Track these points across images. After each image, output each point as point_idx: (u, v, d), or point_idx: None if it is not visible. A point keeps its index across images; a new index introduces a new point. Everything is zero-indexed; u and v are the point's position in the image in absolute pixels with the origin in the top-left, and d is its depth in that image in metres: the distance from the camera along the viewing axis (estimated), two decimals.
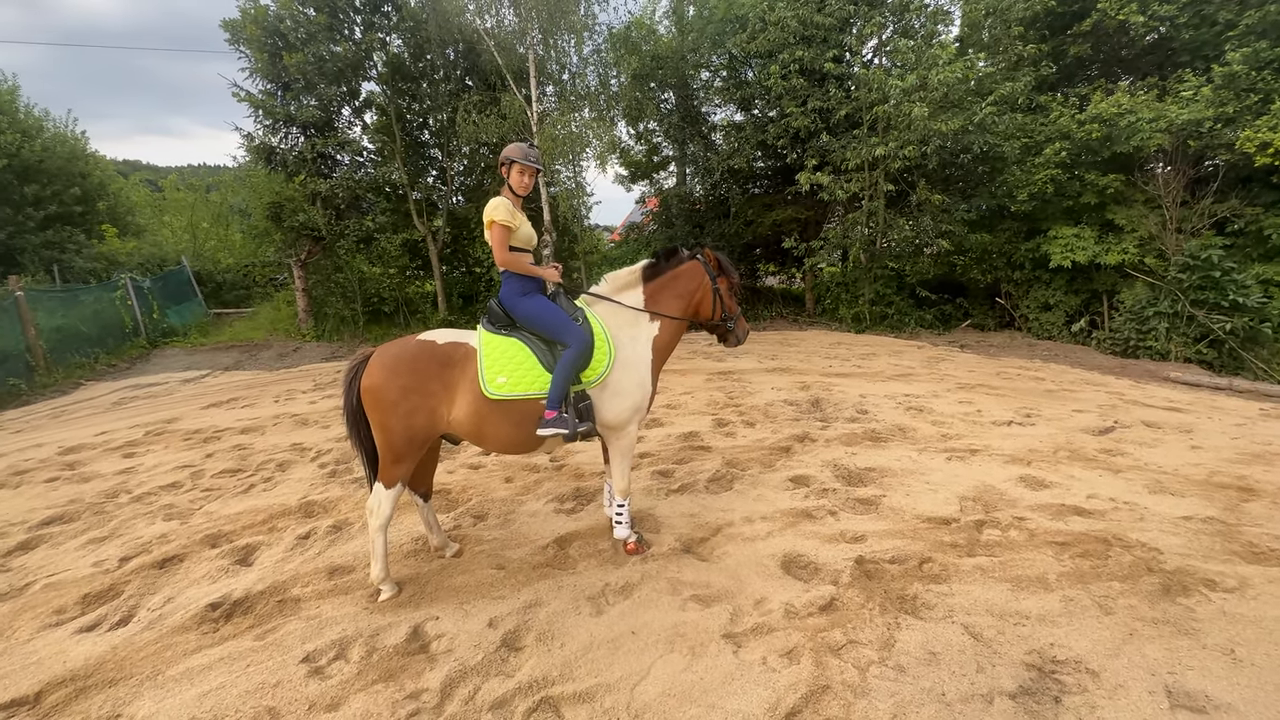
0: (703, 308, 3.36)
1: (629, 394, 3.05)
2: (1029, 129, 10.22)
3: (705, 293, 3.34)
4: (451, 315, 14.20)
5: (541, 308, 2.97)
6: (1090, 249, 10.03)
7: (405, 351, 2.83)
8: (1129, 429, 5.16)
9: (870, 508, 3.66)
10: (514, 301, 3.00)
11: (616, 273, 3.27)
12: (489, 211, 2.91)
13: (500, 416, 2.82)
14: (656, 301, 3.24)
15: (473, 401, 2.79)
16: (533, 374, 2.86)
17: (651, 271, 3.26)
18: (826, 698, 2.12)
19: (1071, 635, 2.41)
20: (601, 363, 2.98)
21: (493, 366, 2.83)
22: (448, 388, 2.81)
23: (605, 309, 3.18)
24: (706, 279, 3.34)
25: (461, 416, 2.80)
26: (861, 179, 10.34)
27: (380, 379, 2.76)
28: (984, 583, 2.81)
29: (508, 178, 3.04)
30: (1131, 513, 3.50)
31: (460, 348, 2.89)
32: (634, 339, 3.15)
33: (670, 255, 3.33)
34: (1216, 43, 9.56)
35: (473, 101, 12.44)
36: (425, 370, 2.79)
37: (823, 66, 10.16)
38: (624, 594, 2.81)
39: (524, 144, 3.05)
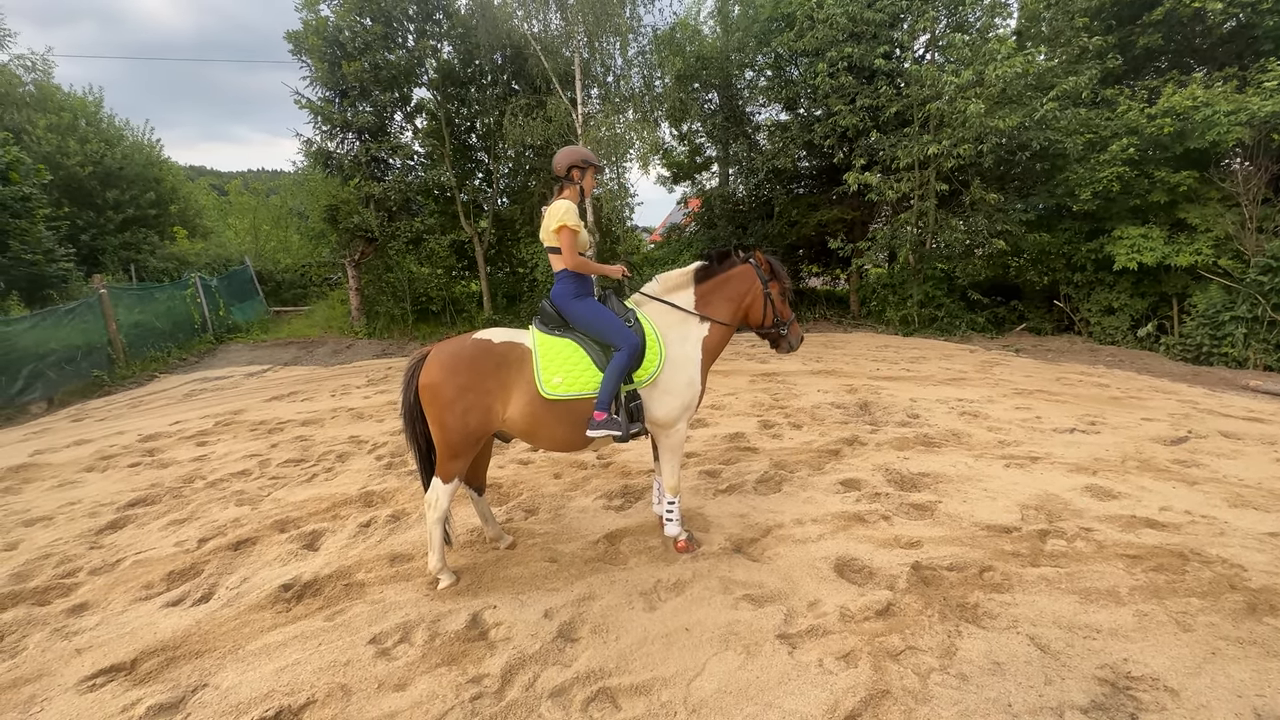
0: (753, 312, 3.38)
1: (679, 392, 3.09)
2: (1093, 124, 9.75)
3: (756, 296, 3.36)
4: (496, 314, 14.50)
5: (594, 311, 3.03)
6: (1159, 250, 9.50)
7: (463, 351, 2.90)
8: (1204, 439, 4.88)
9: (925, 513, 3.58)
10: (566, 303, 3.07)
11: (669, 273, 3.32)
12: (560, 216, 2.97)
13: (554, 416, 2.89)
14: (707, 303, 3.28)
15: (528, 401, 2.86)
16: (587, 374, 2.92)
17: (703, 273, 3.31)
18: (887, 702, 2.09)
19: (1147, 651, 2.31)
20: (653, 362, 3.03)
21: (548, 367, 2.89)
22: (504, 386, 2.87)
23: (655, 308, 3.23)
24: (758, 283, 3.35)
25: (516, 415, 2.88)
26: (912, 178, 10.07)
27: (438, 377, 2.83)
28: (1050, 594, 2.71)
29: (580, 181, 3.13)
30: (1210, 527, 3.32)
31: (516, 348, 2.96)
32: (684, 338, 3.19)
33: (723, 258, 3.36)
34: None
35: (519, 105, 12.68)
36: (482, 369, 2.86)
37: (872, 63, 9.94)
38: (676, 591, 2.83)
39: (579, 147, 3.15)
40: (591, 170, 3.13)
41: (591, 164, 3.11)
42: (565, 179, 3.14)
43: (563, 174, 3.13)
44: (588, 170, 3.12)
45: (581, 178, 3.12)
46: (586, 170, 3.11)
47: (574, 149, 3.11)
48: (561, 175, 3.14)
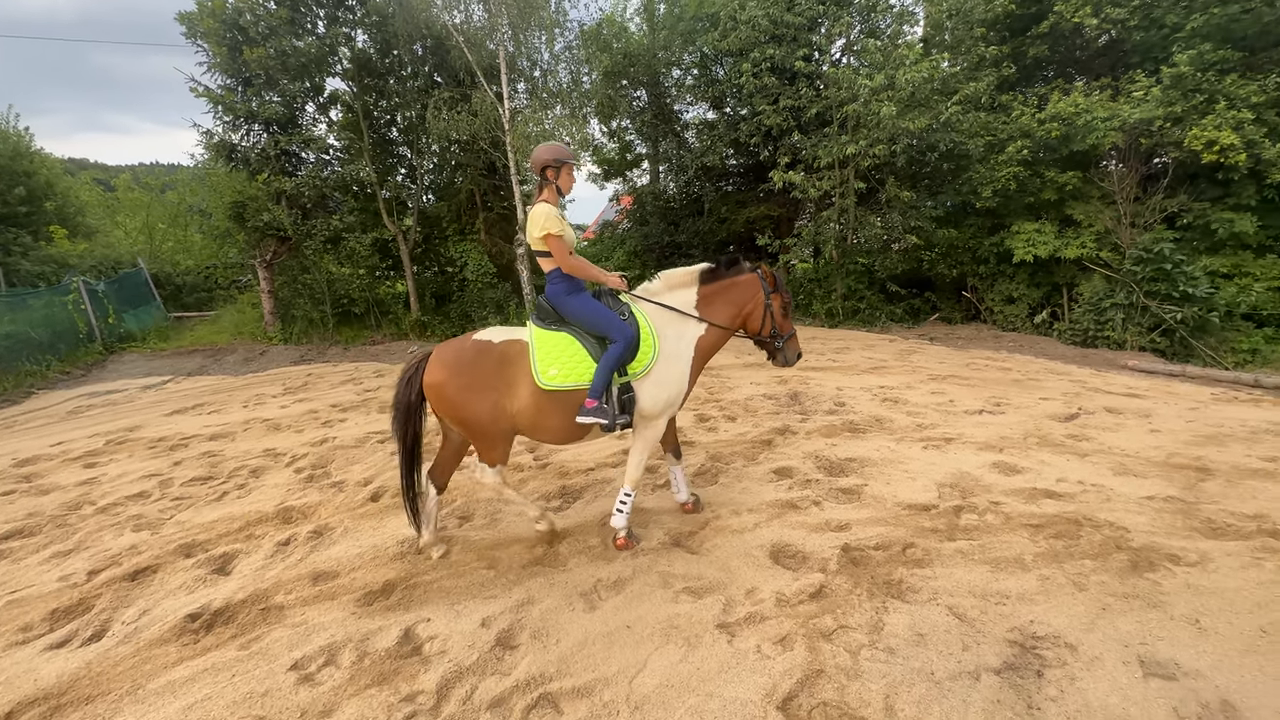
0: (751, 320, 3.47)
1: (668, 386, 3.17)
2: (992, 127, 10.54)
3: (757, 306, 3.43)
4: (425, 316, 13.97)
5: (588, 305, 3.09)
6: (1050, 243, 10.40)
7: (464, 352, 2.99)
8: (1092, 415, 5.38)
9: (853, 497, 3.74)
10: (561, 300, 3.11)
11: (673, 271, 3.38)
12: (543, 224, 2.98)
13: (553, 407, 2.98)
14: (708, 304, 3.36)
15: (531, 393, 2.95)
16: (583, 366, 3.00)
17: (709, 275, 3.38)
18: (821, 681, 2.16)
19: (1049, 612, 2.51)
20: (647, 355, 3.11)
21: (544, 359, 2.98)
22: (509, 383, 2.97)
23: (652, 306, 3.28)
24: (760, 294, 3.43)
25: (521, 408, 2.96)
26: (833, 177, 10.52)
27: (442, 377, 2.91)
28: (965, 565, 2.90)
29: (555, 180, 3.11)
30: (1099, 494, 3.65)
31: (515, 344, 3.05)
32: (679, 335, 3.27)
33: (731, 264, 3.44)
34: (1165, 45, 10.00)
35: (443, 98, 12.25)
36: (484, 368, 2.95)
37: (793, 65, 10.30)
38: (616, 589, 2.82)
39: (557, 144, 3.13)
40: (567, 168, 3.13)
41: (566, 161, 3.11)
42: (541, 178, 3.14)
43: (539, 173, 3.13)
44: (563, 168, 3.11)
45: (557, 176, 3.12)
46: (562, 168, 3.11)
47: (549, 146, 3.09)
48: (537, 175, 3.13)
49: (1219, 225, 9.55)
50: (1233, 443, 4.51)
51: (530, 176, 13.54)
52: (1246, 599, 2.55)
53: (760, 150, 11.87)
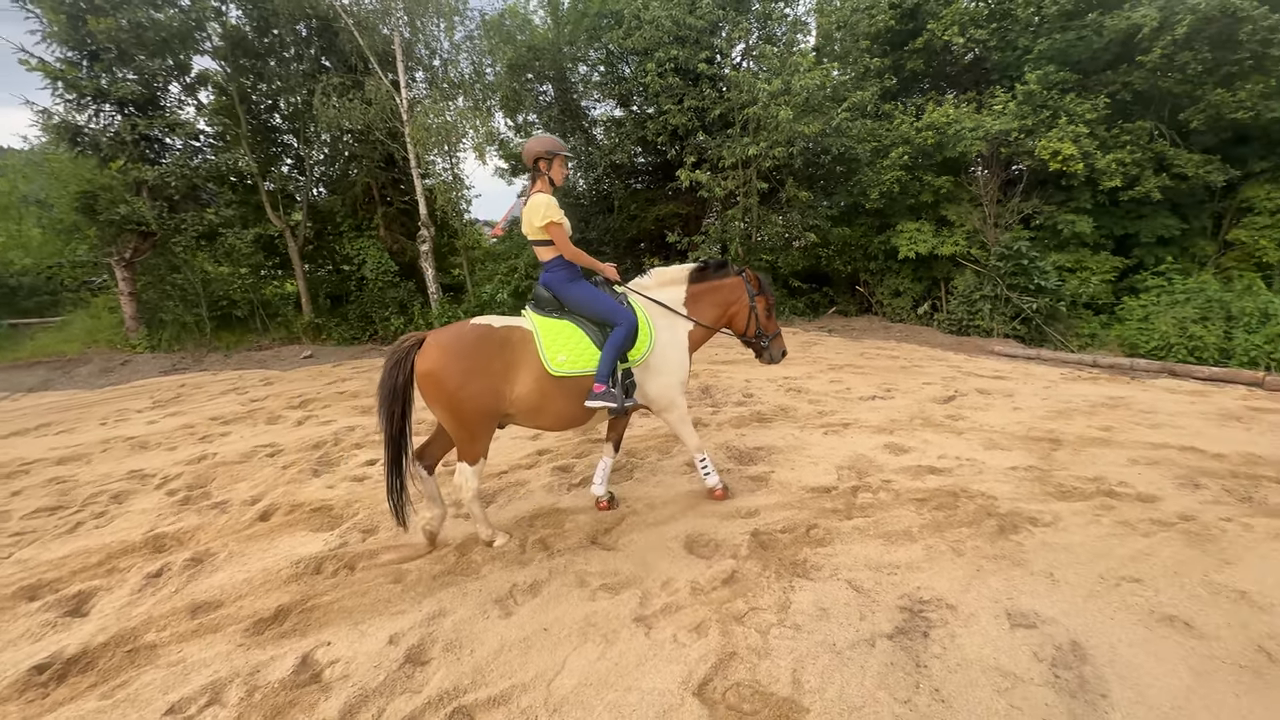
0: (736, 320, 3.67)
1: (670, 371, 3.38)
2: (877, 134, 11.38)
3: (742, 307, 3.63)
4: (319, 317, 13.01)
5: (590, 293, 3.22)
6: (929, 241, 11.40)
7: (464, 336, 2.99)
8: (966, 396, 5.96)
9: (761, 484, 3.91)
10: (562, 287, 3.22)
11: (664, 269, 3.59)
12: (544, 213, 3.09)
13: (560, 392, 3.07)
14: (695, 302, 3.54)
15: (536, 380, 3.01)
16: (588, 353, 3.12)
17: (698, 275, 3.57)
18: (734, 663, 2.25)
19: (933, 578, 2.76)
20: (644, 343, 3.27)
21: (552, 346, 3.07)
22: (509, 368, 2.99)
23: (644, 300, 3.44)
24: (745, 296, 3.62)
25: (523, 394, 3.01)
26: (737, 176, 10.93)
27: (441, 363, 2.88)
28: (861, 541, 3.12)
29: (547, 171, 3.20)
30: (973, 467, 4.06)
31: (516, 330, 3.10)
32: (671, 326, 3.46)
33: (719, 267, 3.63)
34: (1018, 65, 11.24)
35: (332, 84, 11.45)
36: (486, 352, 2.97)
37: (696, 67, 10.58)
38: (532, 592, 2.78)
39: (548, 135, 3.26)
40: (560, 159, 3.21)
41: (558, 153, 3.18)
42: (534, 170, 3.22)
43: (530, 165, 3.21)
44: (554, 160, 3.19)
45: (549, 168, 3.19)
46: (553, 160, 3.18)
47: (542, 138, 3.17)
48: (530, 166, 3.22)
49: (1064, 226, 10.90)
50: (1077, 415, 5.17)
51: (432, 170, 13.00)
52: (1089, 551, 2.93)
53: (667, 149, 12.09)
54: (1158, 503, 3.44)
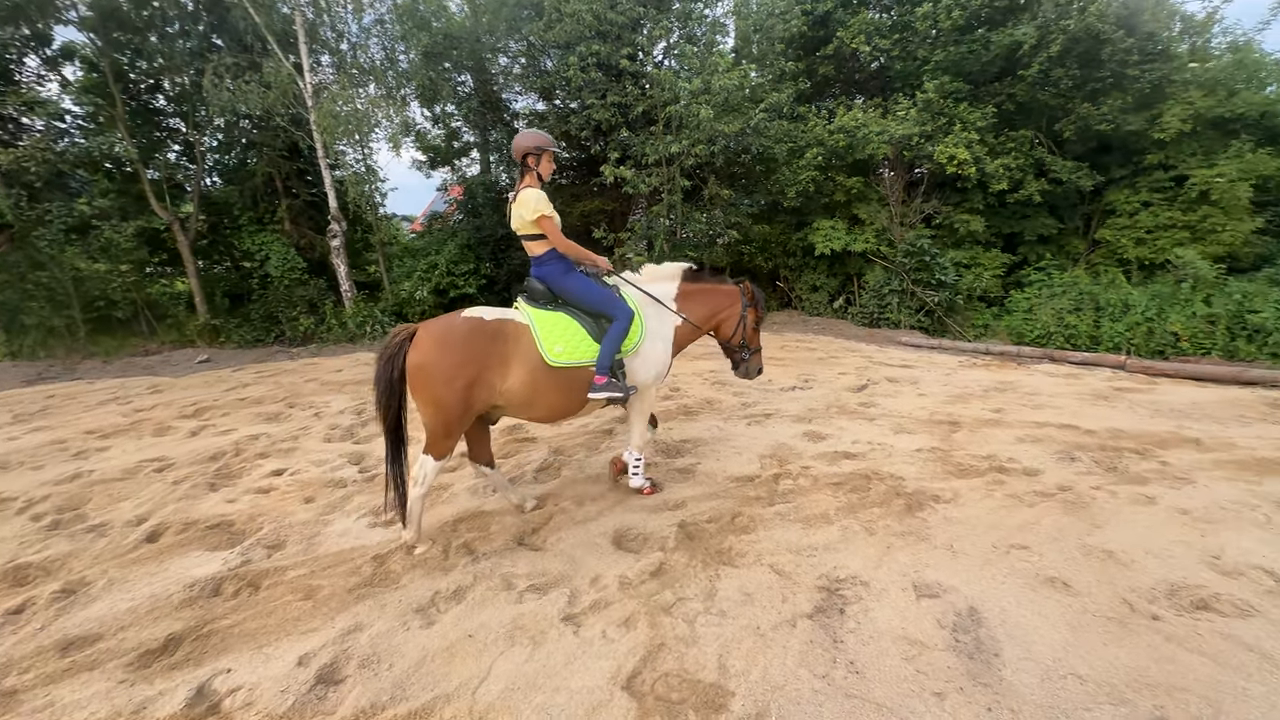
0: (724, 327, 3.75)
1: (656, 362, 3.46)
2: (793, 134, 11.83)
3: (733, 315, 3.72)
4: (216, 318, 11.98)
5: (587, 286, 3.29)
6: (843, 239, 12.00)
7: (455, 328, 3.01)
8: (877, 385, 6.33)
9: (688, 476, 3.98)
10: (557, 279, 3.27)
11: (658, 265, 3.67)
12: (536, 206, 3.13)
13: (555, 383, 3.12)
14: (686, 300, 3.61)
15: (530, 371, 3.05)
16: (584, 344, 3.17)
17: (692, 275, 3.66)
18: (662, 654, 2.27)
19: (849, 557, 2.91)
20: (635, 334, 3.33)
21: (549, 337, 3.11)
22: (502, 361, 3.02)
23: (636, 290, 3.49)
24: (738, 305, 3.72)
25: (516, 386, 3.04)
26: (660, 174, 11.04)
27: (433, 356, 2.91)
28: (783, 526, 3.24)
29: (536, 166, 3.25)
30: (883, 451, 4.32)
31: (509, 323, 3.12)
32: (659, 319, 3.51)
33: (716, 271, 3.77)
34: (918, 74, 12.01)
35: (225, 65, 10.54)
36: (478, 345, 2.98)
37: (618, 63, 10.57)
38: (456, 599, 2.69)
39: (538, 131, 3.28)
40: (548, 155, 3.28)
41: (547, 149, 3.25)
42: (522, 165, 3.28)
43: (520, 160, 3.27)
44: (543, 155, 3.26)
45: (538, 163, 3.26)
46: (542, 155, 3.25)
47: (532, 133, 3.23)
48: (519, 162, 3.29)
49: (960, 225, 11.79)
50: (973, 399, 5.62)
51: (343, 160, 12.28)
52: (983, 523, 3.19)
53: (591, 144, 12.02)
54: (1040, 476, 3.80)
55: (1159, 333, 8.86)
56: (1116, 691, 2.02)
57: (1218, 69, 11.51)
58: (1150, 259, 11.39)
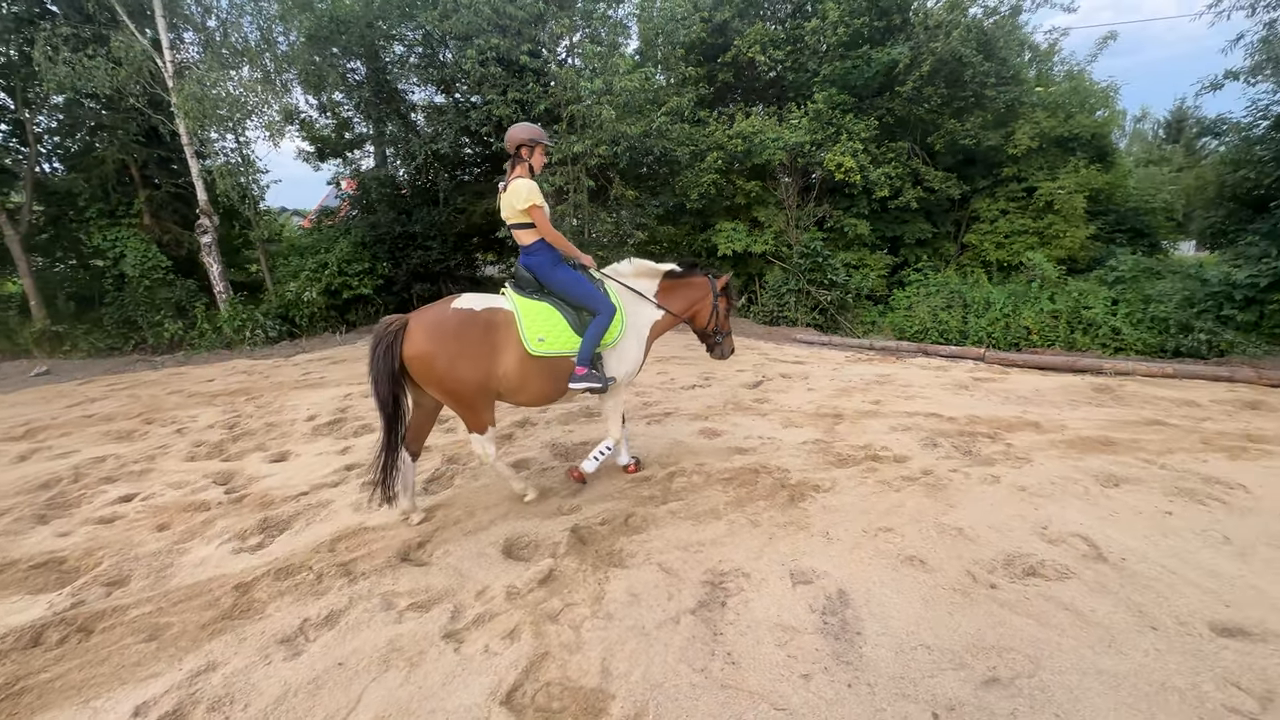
0: (699, 316, 4.04)
1: (632, 358, 3.67)
2: (695, 138, 12.14)
3: (706, 304, 4.01)
4: (59, 325, 10.53)
5: (574, 279, 3.44)
6: (744, 240, 12.48)
7: (448, 319, 3.14)
8: (771, 381, 6.64)
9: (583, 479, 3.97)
10: (546, 270, 3.41)
11: (643, 261, 3.84)
12: (527, 196, 3.26)
13: (538, 371, 3.29)
14: (666, 294, 3.87)
15: (518, 359, 3.22)
16: (565, 335, 3.33)
17: (671, 275, 3.89)
18: (545, 663, 2.25)
19: (733, 550, 3.02)
20: (616, 328, 3.48)
21: (532, 327, 3.26)
22: (495, 348, 3.18)
23: (618, 285, 3.68)
24: (711, 295, 3.99)
25: (508, 372, 3.21)
26: (565, 173, 10.94)
27: (428, 347, 3.05)
28: (674, 524, 3.31)
29: (529, 158, 3.40)
30: (773, 445, 4.53)
31: (499, 312, 3.27)
32: (638, 313, 3.72)
33: (690, 267, 3.98)
34: (809, 85, 12.72)
35: (60, 35, 9.25)
36: (470, 335, 3.13)
37: (519, 59, 10.35)
38: (328, 624, 2.52)
39: (532, 124, 3.40)
40: (541, 148, 3.41)
41: (540, 142, 3.39)
42: (515, 156, 3.39)
43: (513, 151, 3.38)
44: (536, 148, 3.39)
45: (530, 155, 3.39)
46: (535, 148, 3.39)
47: (527, 126, 3.37)
48: (511, 152, 3.38)
49: (849, 228, 12.61)
50: (855, 392, 6.03)
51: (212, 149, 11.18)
52: (856, 509, 3.43)
53: (493, 141, 11.69)
54: (908, 462, 4.13)
55: (1014, 327, 9.93)
56: (958, 657, 2.24)
57: (1059, 93, 13.09)
58: (1008, 261, 12.75)
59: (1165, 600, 2.54)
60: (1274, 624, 2.38)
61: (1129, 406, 5.38)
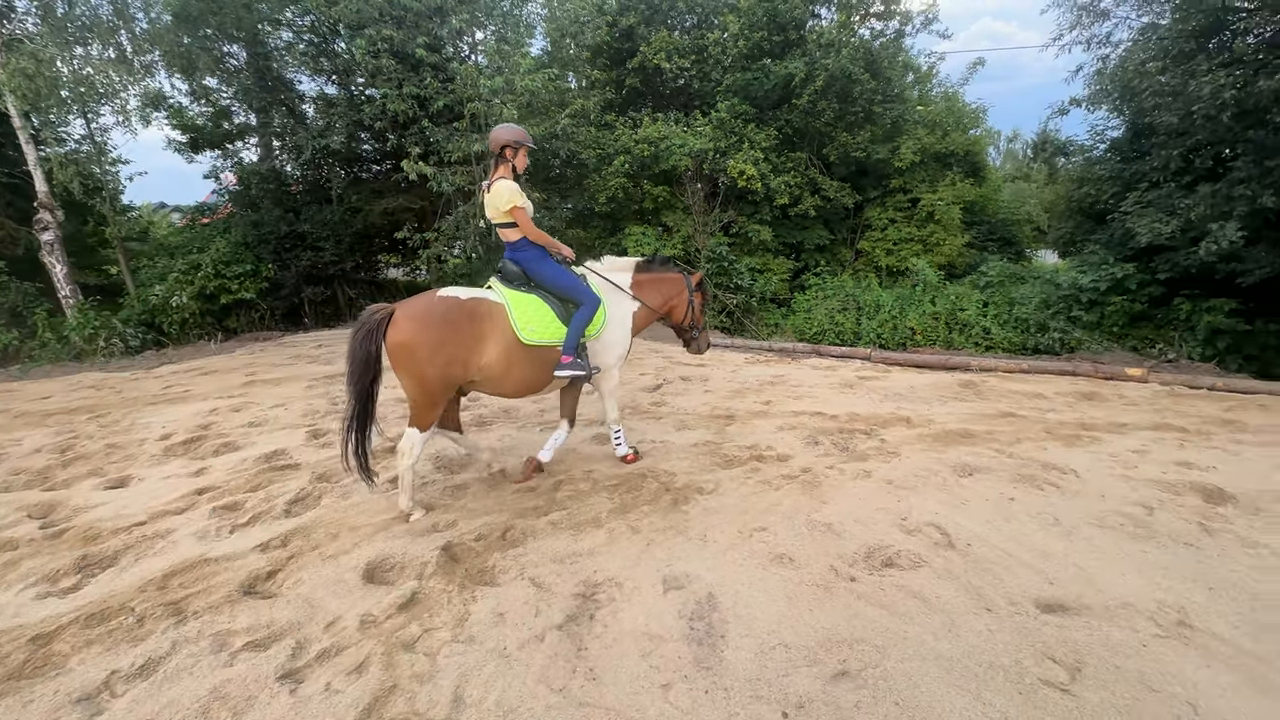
0: (676, 310, 4.31)
1: (617, 345, 3.91)
2: (602, 142, 12.14)
3: (682, 301, 4.28)
4: None
5: (560, 273, 3.64)
6: (653, 244, 12.60)
7: (434, 308, 3.24)
8: (671, 384, 6.71)
9: (463, 491, 3.80)
10: (533, 265, 3.60)
11: (615, 257, 4.14)
12: (510, 197, 3.42)
13: (528, 359, 3.44)
14: (641, 288, 4.09)
15: (505, 348, 3.35)
16: (553, 325, 3.51)
17: (643, 267, 4.15)
18: (392, 698, 2.09)
19: (610, 560, 2.97)
20: (599, 320, 3.71)
21: (523, 317, 3.41)
22: (479, 338, 3.28)
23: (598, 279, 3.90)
24: (686, 291, 4.27)
25: (492, 361, 3.32)
26: (467, 173, 10.57)
27: (413, 334, 3.13)
28: (554, 536, 3.22)
29: (512, 159, 3.53)
30: (663, 448, 4.55)
31: (484, 303, 3.38)
32: (619, 305, 3.95)
33: (664, 262, 4.28)
34: (713, 94, 13.07)
35: None
36: (457, 323, 3.23)
37: (414, 52, 9.89)
38: (143, 675, 2.22)
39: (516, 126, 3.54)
40: (524, 149, 3.56)
41: (524, 144, 3.53)
42: (499, 157, 3.53)
43: (496, 152, 3.52)
44: (520, 149, 3.54)
45: (514, 156, 3.53)
46: (519, 149, 3.53)
47: (510, 128, 3.51)
48: (495, 153, 3.53)
49: (753, 234, 13.06)
50: (749, 393, 6.20)
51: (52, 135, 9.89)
52: (735, 509, 3.49)
53: (389, 137, 11.12)
54: (790, 460, 4.27)
55: (901, 328, 10.66)
56: (812, 653, 2.30)
57: (936, 112, 14.24)
58: (897, 266, 13.68)
59: (1001, 582, 2.75)
60: (1089, 598, 2.63)
61: (988, 400, 5.88)
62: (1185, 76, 7.84)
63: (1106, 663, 2.22)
